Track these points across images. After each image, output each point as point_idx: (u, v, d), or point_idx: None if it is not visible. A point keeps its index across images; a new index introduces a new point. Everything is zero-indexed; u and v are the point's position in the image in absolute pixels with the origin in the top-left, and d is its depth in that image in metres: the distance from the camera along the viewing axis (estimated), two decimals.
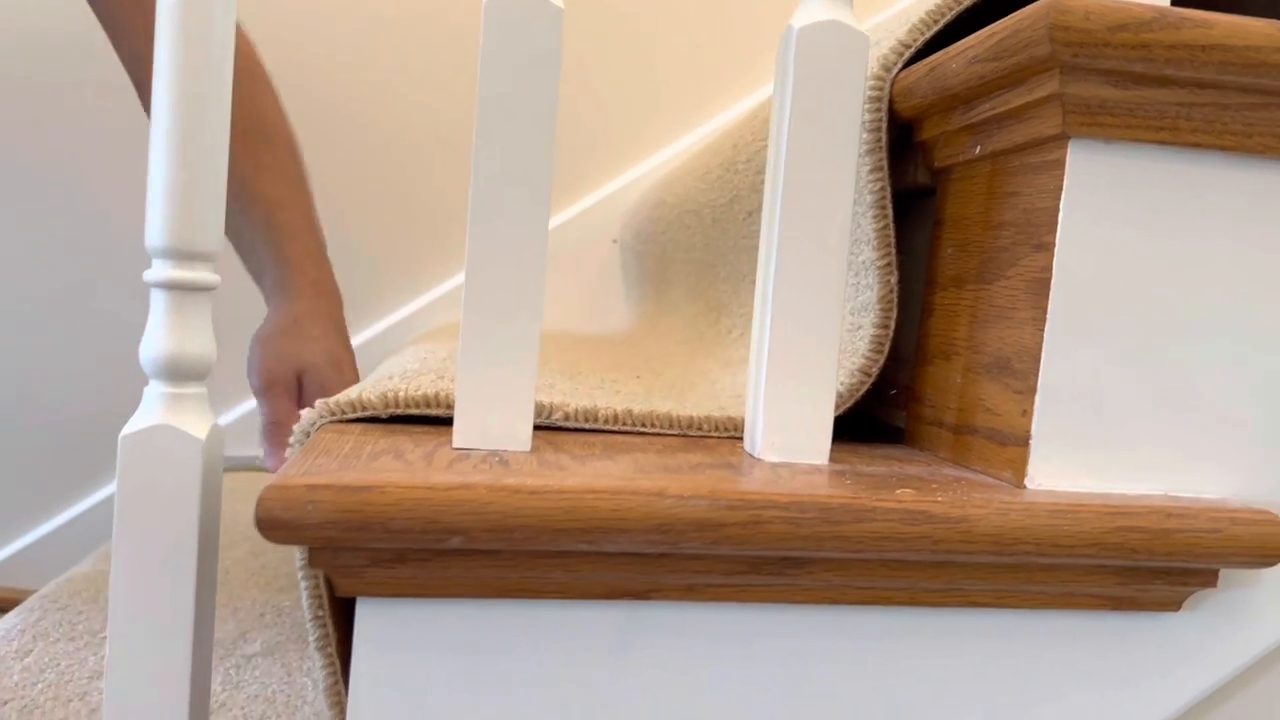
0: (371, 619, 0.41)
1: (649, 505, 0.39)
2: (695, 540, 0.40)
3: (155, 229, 0.43)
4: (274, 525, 0.37)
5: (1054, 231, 0.45)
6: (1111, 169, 0.44)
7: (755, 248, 0.81)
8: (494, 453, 0.45)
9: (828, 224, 0.47)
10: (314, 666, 0.69)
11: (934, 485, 0.44)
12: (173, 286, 0.44)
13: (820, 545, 0.40)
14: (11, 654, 0.69)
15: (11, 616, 0.77)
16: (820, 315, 0.48)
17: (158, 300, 0.44)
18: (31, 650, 0.70)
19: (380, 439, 0.47)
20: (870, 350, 0.54)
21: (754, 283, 0.83)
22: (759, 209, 0.79)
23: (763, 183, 0.78)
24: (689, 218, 1.06)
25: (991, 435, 0.48)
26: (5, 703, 0.61)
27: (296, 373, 0.79)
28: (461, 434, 0.46)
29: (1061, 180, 0.45)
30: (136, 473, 0.43)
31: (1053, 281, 0.45)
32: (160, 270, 0.44)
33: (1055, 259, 0.45)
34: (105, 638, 0.73)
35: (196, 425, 0.44)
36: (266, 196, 0.82)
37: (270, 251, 0.82)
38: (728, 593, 0.43)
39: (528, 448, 0.47)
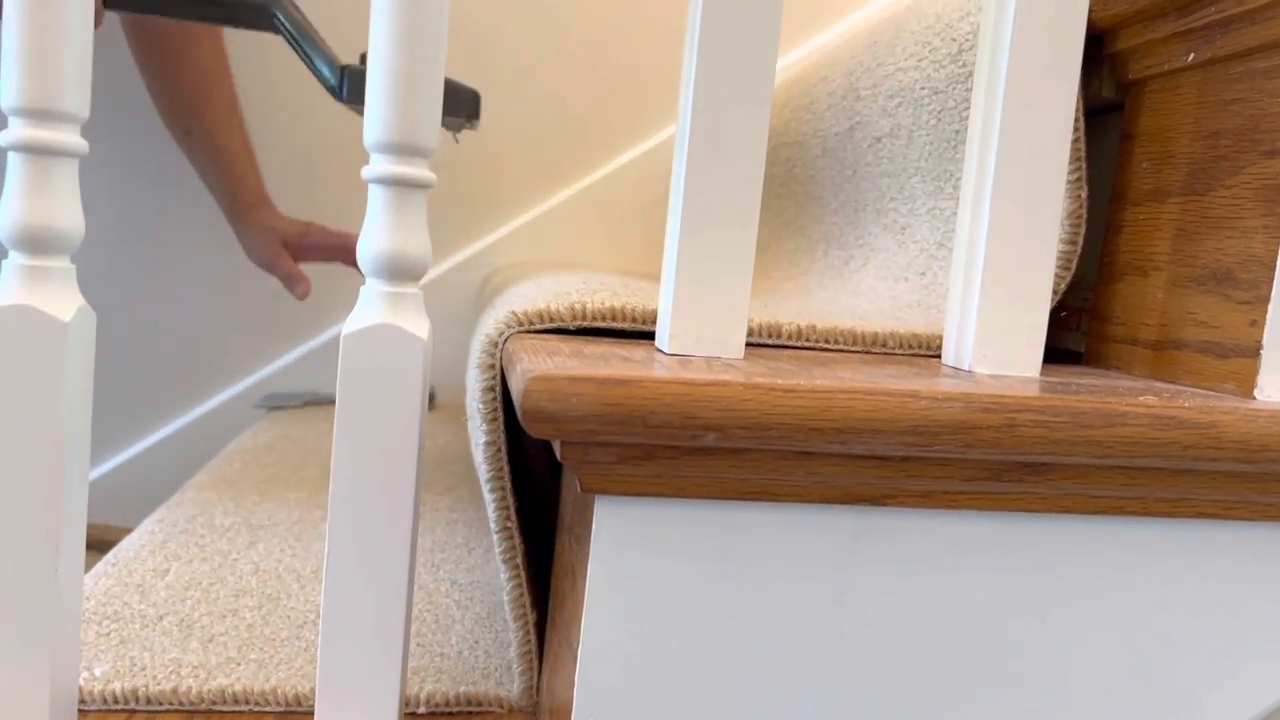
0: (612, 518, 0.41)
1: (904, 406, 0.39)
2: (949, 443, 0.39)
3: (375, 123, 0.42)
4: (540, 417, 0.37)
5: None
6: None
7: (883, 174, 0.79)
8: (712, 358, 0.45)
9: (1047, 132, 0.46)
10: (451, 589, 0.68)
11: (1165, 394, 0.44)
12: (395, 182, 0.42)
13: (1072, 450, 0.40)
14: (150, 572, 0.69)
15: (135, 539, 0.76)
16: (1038, 225, 0.47)
17: (378, 197, 0.43)
18: (169, 569, 0.69)
19: (587, 345, 0.46)
20: (1059, 267, 0.53)
21: (876, 212, 0.82)
22: (891, 133, 0.77)
23: (896, 106, 0.77)
24: (786, 150, 1.04)
25: (1207, 348, 0.47)
26: (162, 616, 0.61)
27: (283, 238, 1.14)
28: (676, 338, 0.45)
29: None
30: (361, 370, 0.42)
31: None
32: (381, 165, 0.42)
33: None
34: (235, 560, 0.72)
35: (417, 324, 0.43)
36: (227, 148, 1.17)
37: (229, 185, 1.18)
38: (963, 500, 0.42)
39: (741, 355, 0.46)
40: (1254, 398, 0.44)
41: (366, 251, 0.43)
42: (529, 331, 0.51)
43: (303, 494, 0.90)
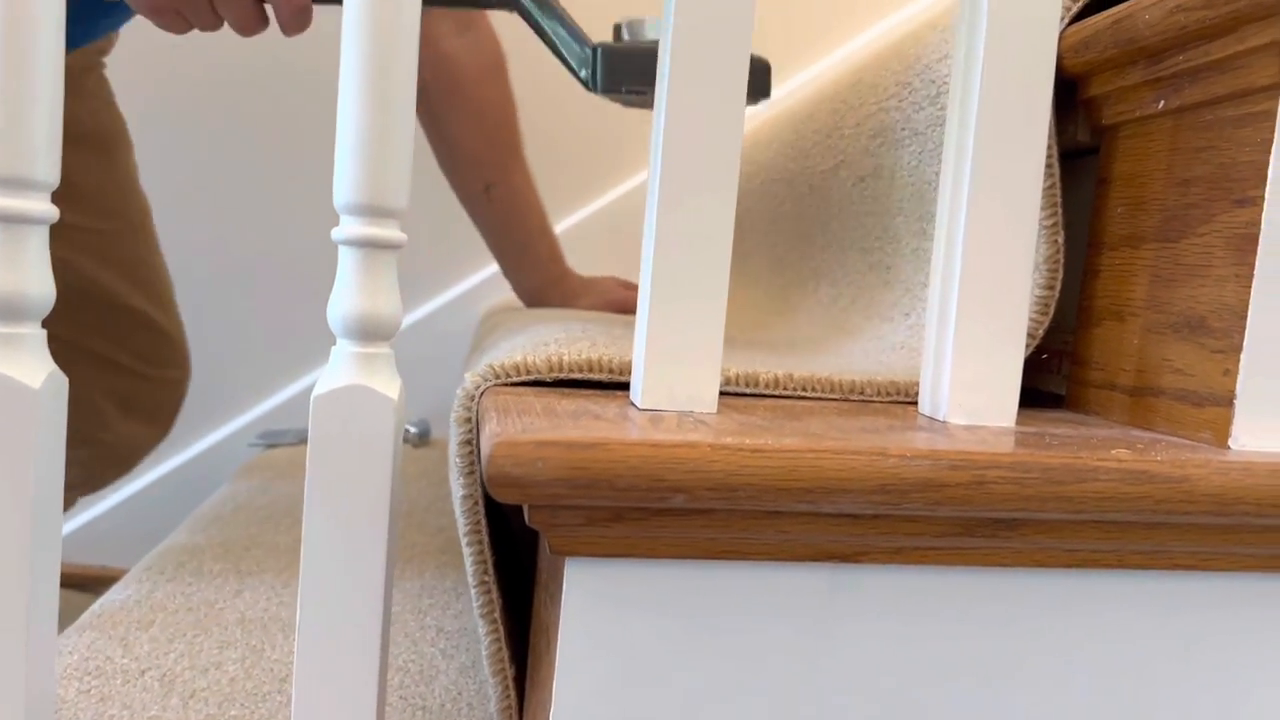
0: (582, 579, 0.40)
1: (872, 465, 0.39)
2: (918, 500, 0.39)
3: (344, 184, 0.42)
4: (505, 482, 0.36)
5: (1261, 186, 0.43)
6: None
7: (867, 214, 0.80)
8: (685, 414, 0.44)
9: (1020, 179, 0.46)
10: (437, 637, 0.68)
11: (1139, 445, 0.43)
12: (365, 244, 0.43)
13: (1043, 506, 0.40)
14: (134, 624, 0.68)
15: (121, 588, 0.76)
16: (1011, 272, 0.47)
17: (348, 258, 0.43)
18: (154, 621, 0.69)
19: (563, 400, 0.46)
20: (1036, 311, 0.53)
21: (862, 250, 0.82)
22: (874, 174, 0.77)
23: (878, 146, 0.77)
24: (775, 187, 1.05)
25: (1183, 396, 0.47)
26: (144, 671, 0.61)
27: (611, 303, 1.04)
28: (648, 394, 0.45)
29: (1270, 133, 0.43)
30: (330, 434, 0.42)
31: (1261, 236, 0.43)
32: (351, 228, 0.43)
33: (1265, 213, 0.43)
34: (221, 609, 0.72)
35: (388, 385, 0.43)
36: (534, 205, 1.03)
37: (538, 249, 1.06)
38: (936, 555, 0.42)
39: (714, 409, 0.46)
40: (1228, 447, 0.44)
41: (336, 312, 0.43)
42: (506, 385, 0.51)
43: (293, 538, 0.90)
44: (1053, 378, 0.59)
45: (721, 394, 0.52)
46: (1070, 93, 0.56)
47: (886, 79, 0.78)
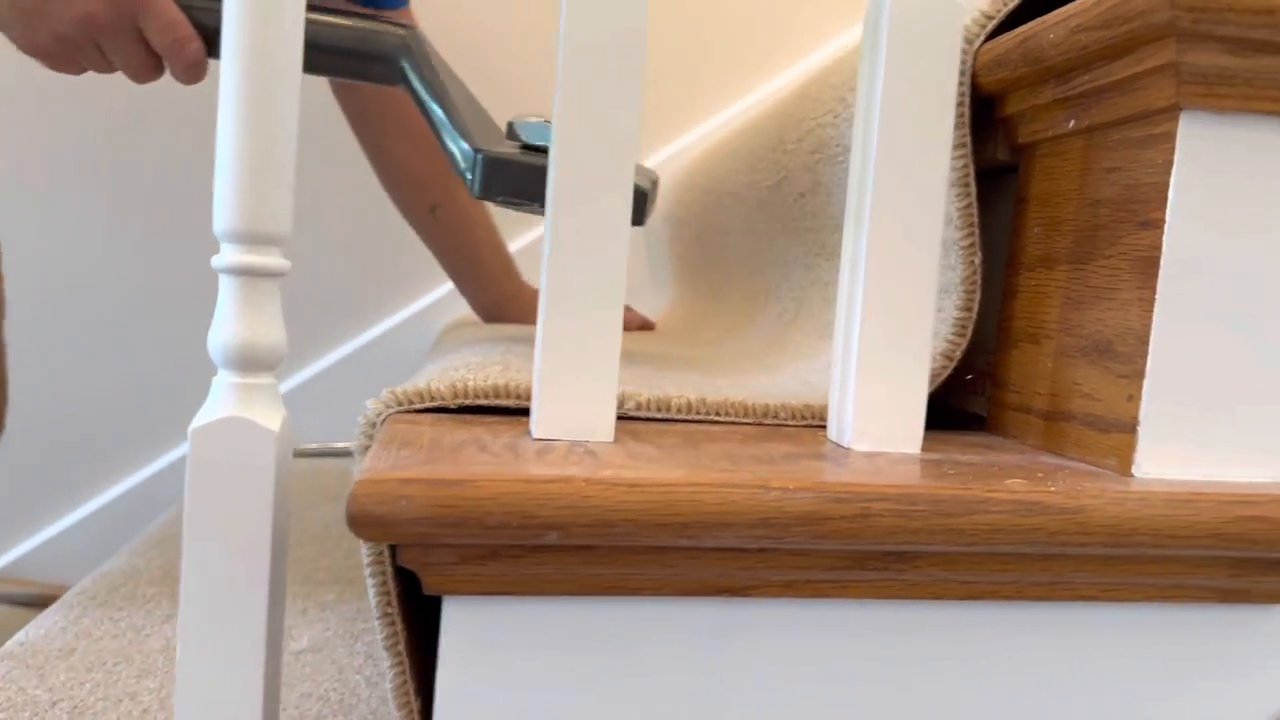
0: (460, 618, 0.39)
1: (753, 498, 0.38)
2: (801, 535, 0.38)
3: (225, 211, 0.41)
4: (367, 522, 0.35)
5: (1162, 208, 0.43)
6: (1225, 142, 0.42)
7: (808, 230, 0.79)
8: (577, 443, 0.43)
9: (922, 202, 0.45)
10: (365, 664, 0.67)
11: (1039, 474, 0.42)
12: (244, 272, 0.42)
13: (931, 539, 0.39)
14: (56, 652, 0.67)
15: (51, 614, 0.75)
16: (914, 297, 0.46)
17: (228, 287, 0.42)
18: (76, 649, 0.68)
19: (456, 430, 0.45)
20: (953, 333, 0.52)
21: (804, 267, 0.81)
22: (813, 190, 0.77)
23: (816, 162, 0.76)
24: (728, 200, 1.04)
25: (1091, 421, 0.46)
26: (55, 703, 0.60)
27: None
28: (543, 424, 0.44)
29: (1171, 155, 0.42)
30: (208, 467, 0.41)
31: (1161, 260, 0.43)
32: (230, 255, 0.42)
33: (1165, 236, 0.43)
34: (148, 635, 0.71)
35: (269, 417, 0.42)
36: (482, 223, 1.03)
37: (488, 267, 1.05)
38: (828, 589, 0.41)
39: (610, 439, 0.45)
40: (1132, 475, 0.43)
41: (215, 341, 0.42)
42: (409, 412, 0.50)
43: None
44: (977, 399, 0.58)
45: (633, 419, 0.51)
46: (989, 110, 0.55)
47: (827, 94, 0.77)
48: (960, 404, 0.60)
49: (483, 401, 0.50)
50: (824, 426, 0.52)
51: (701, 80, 1.50)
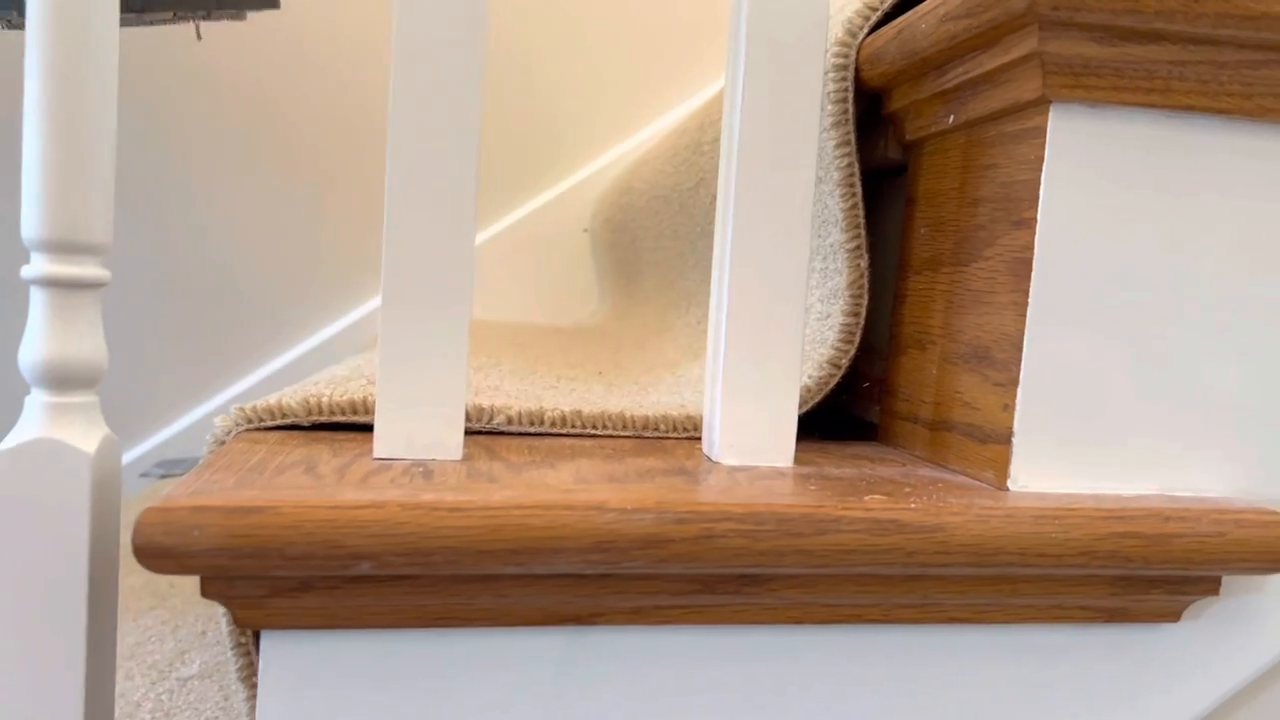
0: (277, 653, 0.37)
1: (586, 521, 0.35)
2: (640, 559, 0.35)
3: (32, 219, 0.39)
4: (155, 553, 0.33)
5: (1035, 206, 0.40)
6: (1097, 136, 0.40)
7: None
8: (419, 463, 0.41)
9: (789, 203, 0.43)
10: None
11: (907, 489, 0.40)
12: (55, 284, 0.39)
13: (780, 560, 0.36)
14: None
15: None
16: (782, 304, 0.43)
17: (38, 299, 0.39)
18: None
19: (296, 449, 0.42)
20: (840, 340, 0.50)
21: None
22: None
23: None
24: (658, 204, 1.01)
25: (970, 432, 0.44)
26: None
27: None
28: (383, 442, 0.41)
29: (1042, 150, 0.40)
30: (16, 492, 0.38)
31: (1035, 261, 0.40)
32: (40, 265, 0.39)
33: (1037, 236, 0.40)
34: None
35: (84, 437, 0.39)
36: None
37: None
38: (680, 614, 0.38)
39: (458, 456, 0.42)
40: (1008, 488, 0.41)
41: (26, 358, 0.39)
42: (260, 429, 0.47)
43: (145, 579, 0.86)
44: (873, 408, 0.56)
45: (503, 434, 0.49)
46: (878, 107, 0.53)
47: None
48: (859, 412, 0.57)
49: (339, 419, 0.47)
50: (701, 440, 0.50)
51: (646, 81, 1.48)
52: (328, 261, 1.39)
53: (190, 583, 0.87)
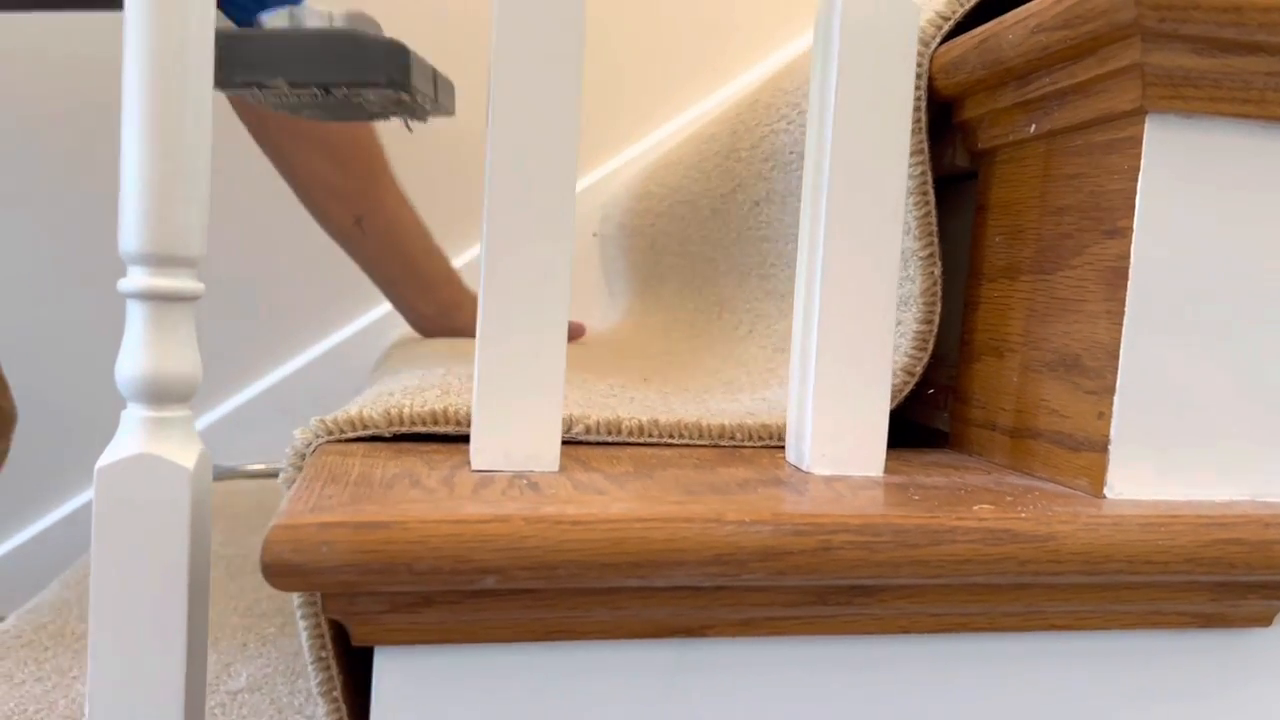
0: (393, 670, 0.36)
1: (706, 533, 0.35)
2: (759, 570, 0.35)
3: (131, 230, 0.38)
4: (284, 571, 0.32)
5: (1130, 215, 0.41)
6: (1192, 146, 0.41)
7: (763, 239, 0.76)
8: (520, 474, 0.41)
9: (880, 211, 0.43)
10: (306, 703, 0.64)
11: (1008, 498, 0.40)
12: (152, 296, 0.38)
13: (896, 571, 0.36)
14: None
15: None
16: (874, 312, 0.43)
17: (135, 313, 0.39)
18: None
19: (389, 461, 0.42)
20: (914, 347, 0.50)
21: (760, 277, 0.79)
22: (767, 198, 0.74)
23: (770, 169, 0.74)
24: (682, 208, 1.02)
25: (1060, 439, 0.44)
26: None
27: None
28: (482, 454, 0.41)
29: (1138, 159, 0.40)
30: (116, 509, 0.38)
31: (1130, 270, 0.41)
32: (137, 278, 0.38)
33: (1133, 245, 0.41)
34: (75, 677, 0.67)
35: (182, 453, 0.39)
36: (409, 226, 0.97)
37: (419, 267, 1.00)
38: (790, 625, 0.38)
39: (556, 468, 0.42)
40: (1104, 496, 0.41)
41: (123, 373, 0.39)
42: (340, 440, 0.46)
43: None
44: (940, 414, 0.56)
45: (582, 443, 0.49)
46: (947, 115, 0.53)
47: (779, 100, 0.75)
48: (922, 419, 0.58)
49: (420, 429, 0.47)
50: (783, 447, 0.50)
51: (656, 87, 1.48)
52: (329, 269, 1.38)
53: (221, 592, 0.86)
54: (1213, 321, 0.41)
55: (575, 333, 1.07)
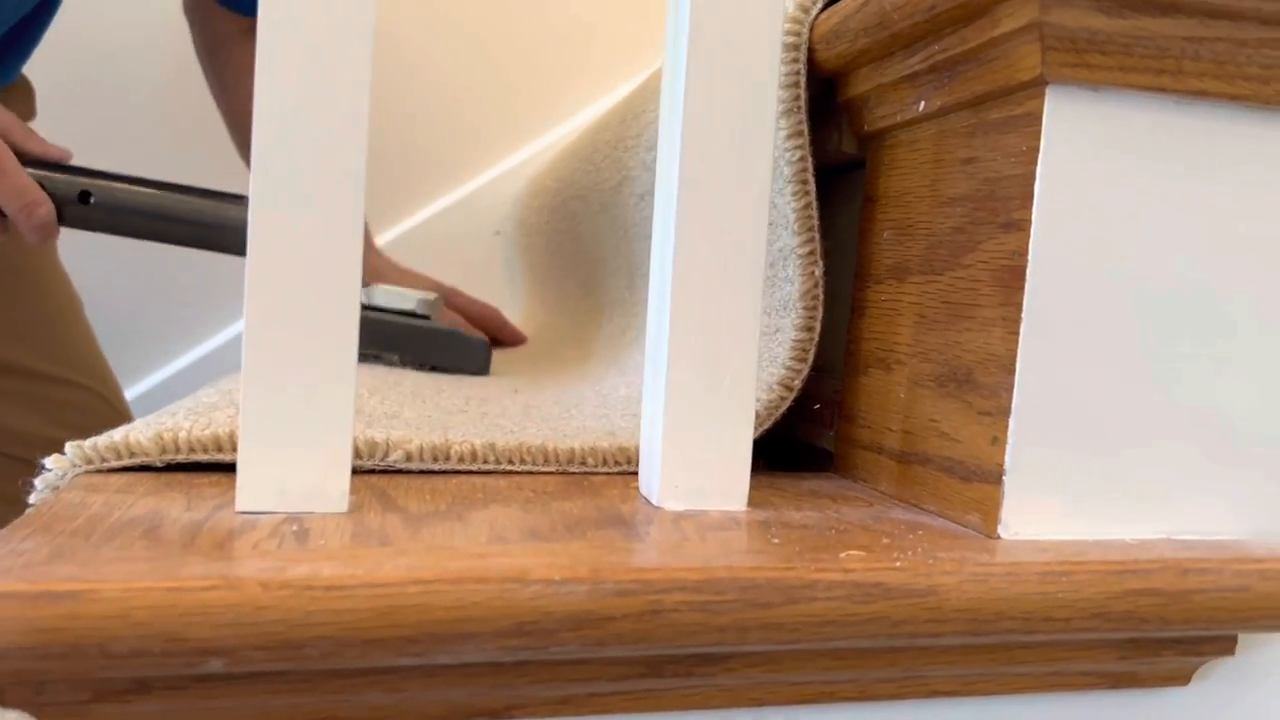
0: None
1: (503, 597, 0.28)
2: (571, 642, 0.28)
3: None
4: None
5: (1028, 206, 0.35)
6: (1099, 123, 0.35)
7: (649, 236, 0.70)
8: (293, 518, 0.33)
9: (743, 195, 0.36)
10: None
11: (884, 540, 0.34)
12: None
13: (743, 637, 0.29)
14: None
15: None
16: (736, 316, 0.37)
17: None
18: None
19: (143, 498, 0.34)
20: (792, 358, 0.44)
21: (647, 277, 0.72)
22: (652, 190, 0.68)
23: (654, 159, 0.67)
24: (575, 204, 0.94)
25: (950, 467, 0.38)
26: None
27: None
28: (247, 491, 0.33)
29: (1037, 139, 0.34)
30: None
31: (1029, 269, 0.35)
32: None
33: (1031, 240, 0.34)
34: None
35: None
36: None
37: None
38: (619, 702, 0.31)
39: (344, 507, 0.34)
40: (998, 535, 0.35)
41: None
42: (104, 471, 0.38)
43: None
44: (825, 433, 0.49)
45: (401, 472, 0.41)
46: (830, 94, 0.46)
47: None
48: (807, 438, 0.51)
49: (200, 457, 0.39)
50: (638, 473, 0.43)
51: (563, 78, 1.41)
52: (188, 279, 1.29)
53: None
54: (1123, 330, 0.35)
55: (515, 340, 1.01)
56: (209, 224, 0.73)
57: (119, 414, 1.03)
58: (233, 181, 0.78)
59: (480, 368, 0.76)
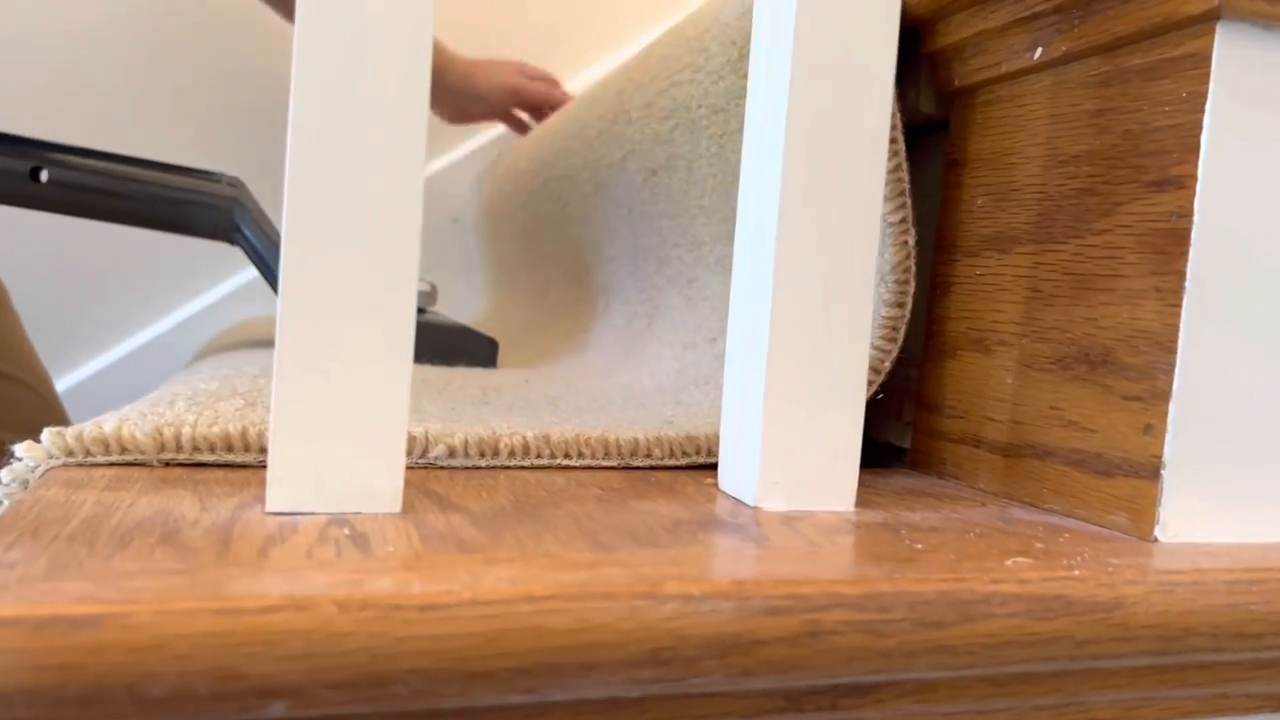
0: None
1: (634, 618, 0.22)
2: (714, 671, 0.23)
3: None
4: None
5: (1192, 160, 0.30)
6: (1273, 67, 0.30)
7: (662, 215, 0.64)
8: (339, 519, 0.27)
9: (855, 145, 0.31)
10: None
11: (1038, 545, 0.29)
12: None
13: (911, 664, 0.24)
14: None
15: None
16: (847, 288, 0.32)
17: None
18: None
19: (143, 496, 0.28)
20: (882, 338, 0.39)
21: (659, 261, 0.67)
22: (667, 165, 0.62)
23: (671, 130, 0.62)
24: (559, 185, 0.88)
25: (1081, 461, 0.33)
26: None
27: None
28: (282, 486, 0.27)
29: (1203, 84, 0.30)
30: None
31: (1193, 233, 0.30)
32: None
33: (1197, 200, 0.30)
34: None
35: None
36: None
37: None
38: None
39: (397, 508, 0.28)
40: (1154, 538, 0.30)
41: None
42: (87, 465, 0.32)
43: None
44: (893, 425, 0.45)
45: (441, 469, 0.35)
46: (910, 47, 0.42)
47: (680, 48, 0.63)
48: (871, 432, 0.46)
49: (206, 458, 0.33)
50: (711, 467, 0.37)
51: (532, 57, 1.34)
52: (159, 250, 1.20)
53: None
54: None
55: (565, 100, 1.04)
56: (184, 203, 0.65)
57: (49, 406, 0.95)
58: (196, 153, 0.71)
59: (490, 363, 0.72)
